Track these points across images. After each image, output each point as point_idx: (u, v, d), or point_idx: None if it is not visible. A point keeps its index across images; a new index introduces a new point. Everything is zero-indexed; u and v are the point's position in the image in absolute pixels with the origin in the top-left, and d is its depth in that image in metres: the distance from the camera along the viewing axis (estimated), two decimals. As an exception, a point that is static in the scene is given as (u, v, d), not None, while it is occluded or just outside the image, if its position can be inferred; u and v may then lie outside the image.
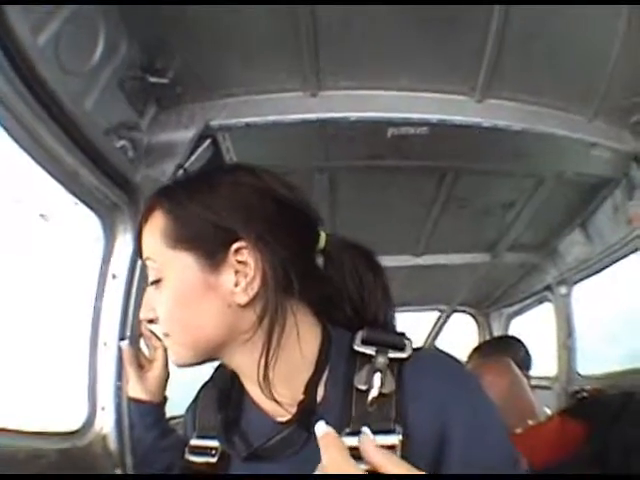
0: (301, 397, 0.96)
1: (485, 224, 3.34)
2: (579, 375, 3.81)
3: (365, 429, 0.81)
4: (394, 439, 0.85)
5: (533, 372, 3.68)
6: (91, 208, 1.78)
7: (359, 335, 0.98)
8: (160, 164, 1.92)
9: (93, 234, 1.85)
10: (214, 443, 1.07)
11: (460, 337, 5.33)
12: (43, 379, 2.07)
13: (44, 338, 2.09)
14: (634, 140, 2.55)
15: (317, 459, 0.80)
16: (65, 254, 2.11)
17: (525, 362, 2.84)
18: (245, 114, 2.06)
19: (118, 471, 1.76)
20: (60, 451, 1.62)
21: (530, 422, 2.16)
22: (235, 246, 0.93)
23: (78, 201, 1.72)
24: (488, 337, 5.14)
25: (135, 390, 1.59)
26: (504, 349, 2.85)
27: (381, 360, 0.92)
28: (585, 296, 3.86)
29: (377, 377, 0.90)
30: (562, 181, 2.80)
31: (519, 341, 3.10)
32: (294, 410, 0.95)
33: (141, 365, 1.62)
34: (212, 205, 0.96)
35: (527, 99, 2.27)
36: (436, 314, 5.18)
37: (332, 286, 1.07)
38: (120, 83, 1.70)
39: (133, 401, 1.60)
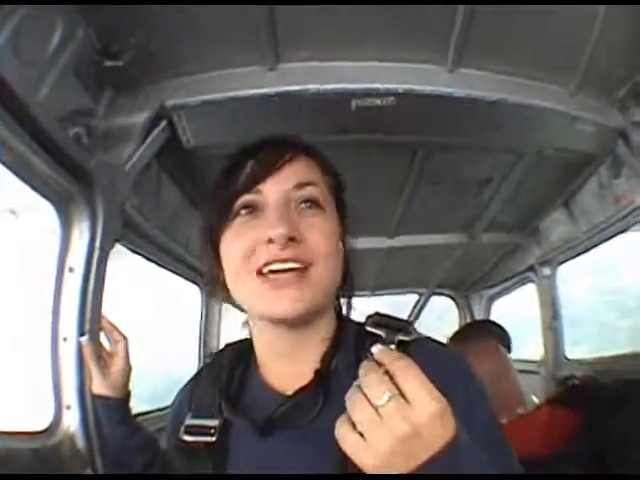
0: (313, 368, 1.08)
1: (461, 202, 3.40)
2: (566, 359, 3.95)
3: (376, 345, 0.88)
4: None
5: (518, 356, 3.81)
6: (46, 198, 1.84)
7: (371, 318, 1.08)
8: (117, 148, 2.00)
9: (50, 226, 1.91)
10: (212, 422, 1.14)
11: (440, 320, 5.54)
12: (12, 377, 2.13)
13: (11, 334, 2.14)
14: (621, 116, 2.58)
15: (329, 431, 0.87)
16: (27, 248, 2.17)
17: (508, 347, 2.90)
18: (201, 92, 2.12)
19: (89, 470, 1.83)
20: (31, 451, 1.69)
21: (519, 411, 2.22)
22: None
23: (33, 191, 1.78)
24: (469, 320, 5.34)
25: (98, 386, 1.68)
26: (486, 332, 2.91)
27: (391, 337, 1.02)
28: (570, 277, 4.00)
29: (393, 347, 0.99)
30: (543, 157, 2.83)
31: (498, 325, 3.17)
32: (299, 385, 1.06)
33: (103, 360, 1.71)
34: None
35: (504, 69, 2.28)
36: (415, 297, 5.38)
37: None
38: (76, 69, 1.76)
39: (97, 398, 1.70)
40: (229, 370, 1.20)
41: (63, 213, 1.90)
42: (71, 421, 1.84)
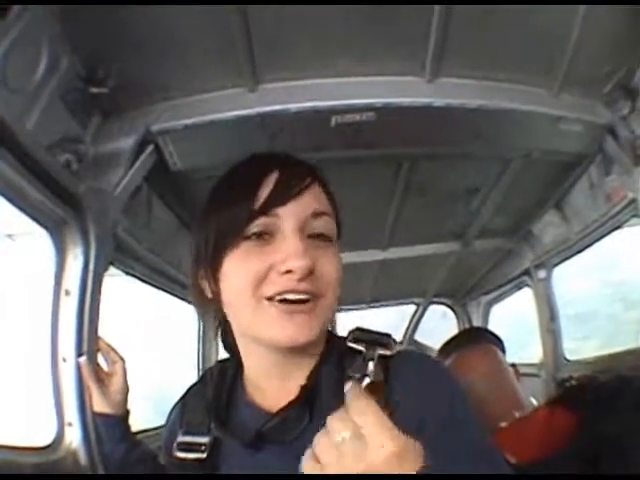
0: (299, 385, 1.11)
1: (450, 211, 3.45)
2: (567, 360, 4.00)
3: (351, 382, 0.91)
4: None
5: (518, 359, 3.83)
6: (40, 224, 1.92)
7: (352, 333, 1.16)
8: (106, 174, 2.06)
9: (47, 251, 1.98)
10: (203, 439, 1.19)
11: (440, 329, 5.54)
12: (18, 395, 2.21)
13: (16, 354, 2.22)
14: (608, 111, 2.57)
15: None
16: (25, 270, 2.25)
17: (503, 352, 2.85)
18: (184, 116, 2.17)
19: (91, 485, 1.91)
20: (34, 465, 1.77)
21: (516, 414, 2.22)
22: None
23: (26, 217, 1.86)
24: (467, 327, 5.38)
25: (99, 404, 1.81)
26: (479, 338, 2.88)
27: (372, 353, 1.09)
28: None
29: (371, 365, 1.08)
30: (531, 160, 2.84)
31: (491, 332, 3.13)
32: (285, 402, 1.10)
33: (101, 380, 1.83)
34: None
35: (484, 75, 2.30)
36: (412, 308, 5.46)
37: None
38: (63, 97, 1.84)
39: (98, 415, 1.83)
40: (217, 388, 1.24)
41: (57, 238, 1.97)
42: (73, 438, 1.91)
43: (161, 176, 2.33)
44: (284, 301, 1.05)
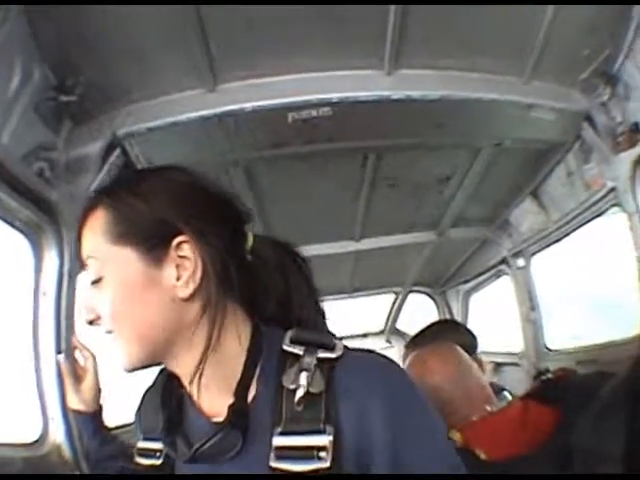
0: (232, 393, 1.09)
1: (422, 201, 3.59)
2: (548, 349, 4.14)
3: None
4: (324, 440, 0.98)
5: (498, 349, 4.00)
6: (17, 230, 2.12)
7: (288, 335, 1.11)
8: (77, 178, 2.24)
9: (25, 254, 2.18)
10: (158, 445, 1.22)
11: (422, 318, 5.71)
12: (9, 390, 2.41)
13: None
14: (585, 98, 2.66)
15: (255, 463, 1.00)
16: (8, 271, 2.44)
17: (471, 343, 2.88)
18: (147, 119, 2.34)
19: (76, 477, 2.10)
20: (23, 459, 1.99)
21: (487, 408, 2.20)
22: (176, 240, 1.08)
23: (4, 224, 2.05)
24: (448, 315, 5.63)
25: (72, 401, 2.01)
26: (446, 334, 2.87)
27: (308, 360, 1.04)
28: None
29: (303, 376, 1.02)
30: (503, 149, 2.97)
31: (461, 324, 3.28)
32: (225, 409, 1.08)
33: (78, 376, 2.02)
34: (152, 201, 1.11)
35: (449, 64, 2.39)
36: (392, 297, 5.70)
37: (261, 283, 1.23)
38: (36, 107, 2.01)
39: (73, 412, 2.04)
40: (166, 392, 1.25)
41: (34, 242, 2.17)
42: (57, 433, 2.11)
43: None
44: None
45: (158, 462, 1.21)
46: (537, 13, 2.18)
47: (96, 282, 1.11)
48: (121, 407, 2.23)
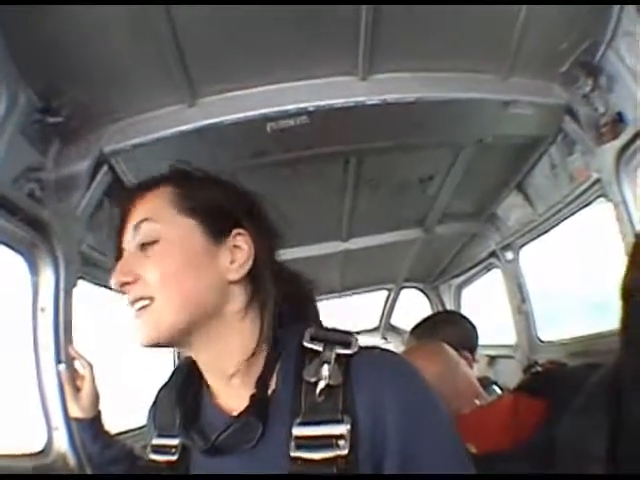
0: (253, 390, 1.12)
1: (407, 200, 3.68)
2: (540, 341, 4.21)
3: None
4: (342, 429, 1.03)
5: (492, 342, 4.08)
6: (13, 250, 2.22)
7: (308, 332, 1.16)
8: (67, 196, 2.33)
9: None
10: (173, 441, 1.24)
11: (416, 312, 5.71)
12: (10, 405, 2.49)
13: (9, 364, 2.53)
14: (565, 92, 2.70)
15: (274, 453, 1.04)
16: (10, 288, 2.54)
17: (469, 337, 3.00)
18: (131, 136, 2.42)
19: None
20: (32, 470, 2.08)
21: (477, 402, 2.24)
22: (235, 231, 1.18)
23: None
24: (441, 309, 5.69)
25: (73, 410, 2.11)
26: (441, 327, 2.98)
27: (328, 354, 1.10)
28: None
29: (325, 368, 1.07)
30: (485, 145, 3.01)
31: (462, 316, 3.27)
32: (244, 404, 1.12)
33: (76, 385, 2.12)
34: (219, 192, 1.23)
35: (424, 66, 2.43)
36: (385, 293, 5.81)
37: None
38: (23, 130, 2.08)
39: (73, 420, 2.14)
40: (183, 387, 1.28)
41: (30, 261, 2.27)
42: (61, 441, 2.20)
43: (119, 191, 2.57)
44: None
45: (174, 458, 1.24)
46: (512, 9, 2.21)
47: (147, 244, 1.16)
48: (120, 414, 2.32)
